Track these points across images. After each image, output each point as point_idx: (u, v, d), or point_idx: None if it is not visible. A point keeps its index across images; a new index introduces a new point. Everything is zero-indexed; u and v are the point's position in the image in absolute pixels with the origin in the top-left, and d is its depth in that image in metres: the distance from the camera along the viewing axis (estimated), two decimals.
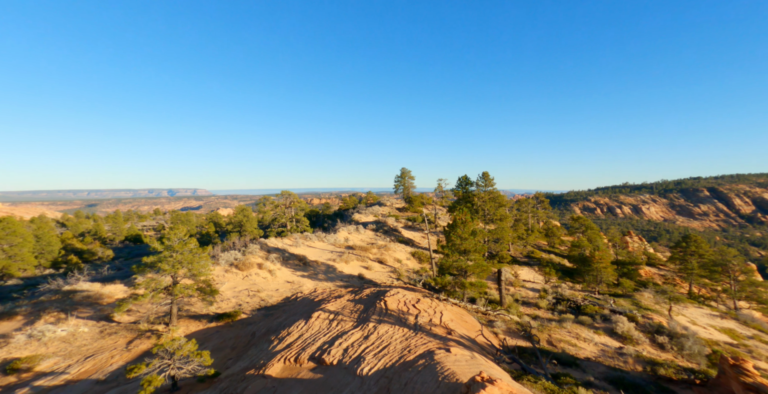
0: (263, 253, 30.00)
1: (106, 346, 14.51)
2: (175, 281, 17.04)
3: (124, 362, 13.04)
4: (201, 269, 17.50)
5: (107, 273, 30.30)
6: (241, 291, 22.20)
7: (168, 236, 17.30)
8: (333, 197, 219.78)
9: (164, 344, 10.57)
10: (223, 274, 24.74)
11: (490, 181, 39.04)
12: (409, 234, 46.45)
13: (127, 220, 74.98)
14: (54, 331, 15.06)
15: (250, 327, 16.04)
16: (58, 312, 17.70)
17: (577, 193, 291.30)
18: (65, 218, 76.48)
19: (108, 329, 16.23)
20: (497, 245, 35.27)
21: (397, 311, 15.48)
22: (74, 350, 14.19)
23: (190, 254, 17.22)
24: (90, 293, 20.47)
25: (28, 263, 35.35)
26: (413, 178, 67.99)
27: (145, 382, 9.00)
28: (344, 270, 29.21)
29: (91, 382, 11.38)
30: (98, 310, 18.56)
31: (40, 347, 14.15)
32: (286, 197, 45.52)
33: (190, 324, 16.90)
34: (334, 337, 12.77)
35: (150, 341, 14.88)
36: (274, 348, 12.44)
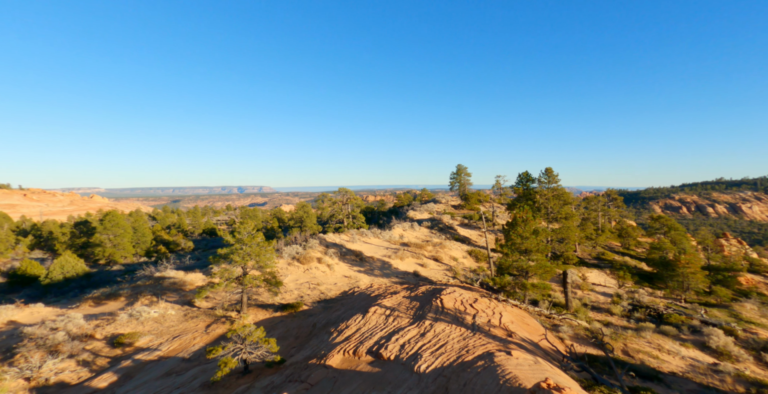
0: (322, 248, 31.30)
1: (189, 328, 16.24)
2: (245, 272, 18.44)
3: (204, 343, 14.49)
4: (267, 261, 18.73)
5: (189, 262, 33.90)
6: (303, 284, 23.39)
7: (238, 230, 18.74)
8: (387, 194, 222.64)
9: (237, 329, 11.50)
10: (286, 267, 26.28)
11: (554, 178, 36.55)
12: (466, 232, 45.32)
13: (204, 214, 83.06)
14: (148, 312, 17.21)
15: (311, 318, 16.86)
16: (151, 296, 20.19)
17: (657, 190, 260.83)
18: (155, 212, 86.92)
19: (190, 313, 18.13)
20: (562, 245, 32.95)
21: (453, 310, 15.20)
22: (164, 330, 16.10)
23: (257, 247, 18.50)
24: (175, 280, 23.02)
25: (128, 252, 40.79)
26: (469, 175, 66.10)
27: (222, 363, 9.91)
28: (399, 267, 29.39)
29: (178, 359, 12.82)
30: (182, 295, 20.80)
31: (138, 326, 16.27)
32: (343, 194, 46.96)
33: (258, 313, 18.22)
34: (390, 332, 12.92)
35: (225, 326, 16.33)
36: (334, 340, 12.93)
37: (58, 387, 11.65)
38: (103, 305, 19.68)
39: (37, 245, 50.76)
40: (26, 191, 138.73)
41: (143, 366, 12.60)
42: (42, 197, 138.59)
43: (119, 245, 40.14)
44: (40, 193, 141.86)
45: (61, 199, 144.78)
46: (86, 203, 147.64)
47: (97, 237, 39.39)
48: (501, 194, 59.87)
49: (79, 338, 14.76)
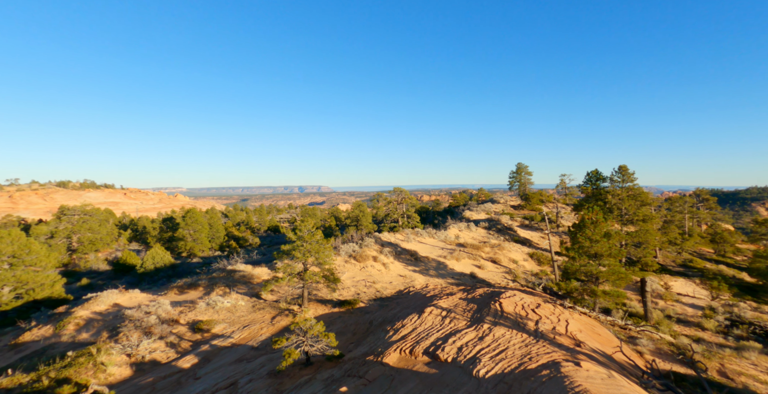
0: (377, 246, 31.77)
1: (257, 319, 17.50)
2: (306, 268, 19.37)
3: (269, 334, 15.52)
4: (326, 258, 19.47)
5: (255, 257, 36.52)
6: (359, 281, 23.95)
7: (299, 228, 19.73)
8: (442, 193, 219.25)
9: (299, 322, 12.12)
10: (343, 264, 27.12)
11: (630, 176, 33.13)
12: (526, 234, 42.97)
13: (269, 213, 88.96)
14: (222, 302, 18.87)
15: (368, 316, 17.20)
16: (224, 287, 22.12)
17: (762, 189, 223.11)
18: (227, 210, 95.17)
19: (257, 304, 19.52)
20: (639, 250, 29.77)
21: (513, 315, 14.50)
22: (235, 319, 17.54)
23: (316, 244, 19.31)
24: (245, 273, 24.94)
25: (205, 246, 45.15)
26: (530, 174, 62.60)
27: (287, 353, 10.53)
28: (455, 267, 28.79)
29: (248, 347, 13.89)
30: (250, 288, 22.48)
31: (214, 314, 17.93)
32: (397, 193, 47.23)
33: (317, 307, 19.05)
34: (447, 334, 12.70)
35: (288, 319, 17.33)
36: (390, 338, 13.05)
37: (152, 364, 13.29)
38: (186, 294, 21.99)
39: (134, 238, 58.37)
40: (126, 191, 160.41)
41: (219, 351, 13.86)
42: (137, 195, 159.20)
43: (198, 240, 44.63)
44: (137, 192, 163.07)
45: (152, 197, 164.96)
46: (171, 201, 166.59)
47: (180, 232, 44.19)
48: (566, 194, 55.86)
49: (167, 322, 16.66)
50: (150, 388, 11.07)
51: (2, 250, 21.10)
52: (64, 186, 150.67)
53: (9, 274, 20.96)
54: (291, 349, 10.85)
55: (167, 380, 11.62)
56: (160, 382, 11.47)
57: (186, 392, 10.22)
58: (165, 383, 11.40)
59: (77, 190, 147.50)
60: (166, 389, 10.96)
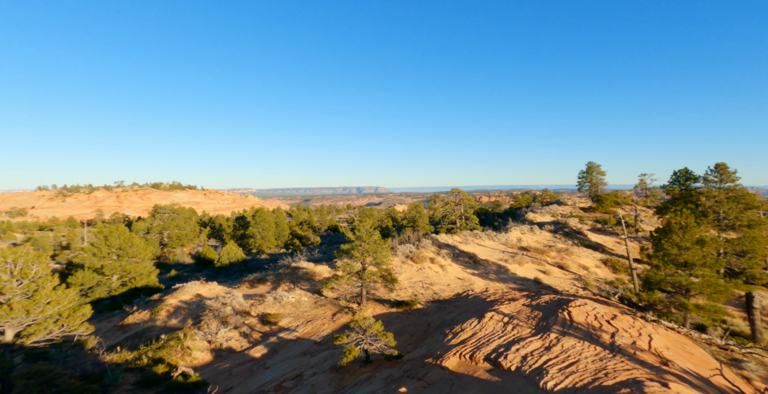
0: (434, 248, 31.41)
1: (319, 315, 18.32)
2: (364, 267, 19.81)
3: (331, 330, 16.15)
4: (383, 258, 19.73)
5: (317, 256, 38.25)
6: (416, 282, 23.88)
7: (358, 228, 20.23)
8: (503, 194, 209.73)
9: (358, 320, 12.44)
10: (400, 265, 27.26)
11: (730, 175, 28.70)
12: (598, 238, 39.40)
13: (329, 213, 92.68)
14: (287, 297, 20.08)
15: (426, 317, 17.07)
16: (289, 283, 23.51)
17: None
18: (291, 210, 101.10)
19: (319, 301, 20.43)
20: (744, 261, 25.66)
21: (585, 325, 13.37)
22: (299, 314, 18.55)
23: (374, 244, 19.65)
24: (307, 271, 26.25)
25: (272, 244, 48.40)
26: (603, 174, 57.34)
27: (347, 350, 10.88)
28: (517, 272, 27.37)
29: (311, 342, 14.61)
30: (312, 285, 23.60)
31: (280, 308, 19.15)
32: (455, 194, 46.27)
33: (375, 307, 19.37)
34: (510, 341, 12.11)
35: (347, 316, 17.87)
36: (449, 342, 12.81)
37: (228, 352, 14.61)
38: (255, 288, 23.78)
39: (212, 234, 64.66)
40: (206, 192, 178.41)
41: (285, 343, 14.77)
42: (215, 196, 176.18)
43: (266, 238, 48.03)
44: (214, 193, 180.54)
45: (227, 197, 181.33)
46: (243, 201, 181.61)
47: (251, 230, 47.94)
48: (647, 196, 50.20)
49: (240, 314, 18.17)
50: (227, 373, 12.16)
51: (112, 243, 24.70)
52: (157, 187, 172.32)
53: (117, 264, 24.46)
54: (351, 346, 11.18)
55: (241, 367, 12.68)
56: (236, 368, 12.55)
57: (257, 380, 11.05)
58: (239, 369, 12.45)
59: (167, 191, 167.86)
60: (240, 375, 11.97)
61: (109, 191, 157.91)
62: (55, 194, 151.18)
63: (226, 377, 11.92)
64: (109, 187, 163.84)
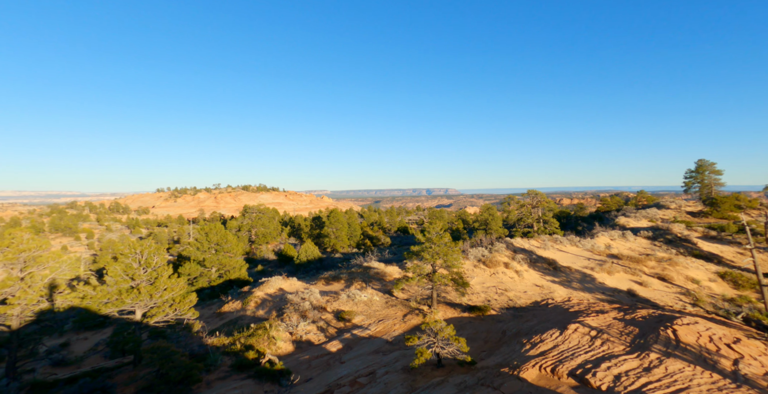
0: (509, 252, 29.84)
1: (390, 314, 18.66)
2: (434, 270, 19.63)
3: (402, 331, 16.34)
4: (454, 261, 19.33)
5: (387, 256, 38.97)
6: (489, 287, 22.94)
7: (428, 230, 20.13)
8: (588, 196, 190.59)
9: (429, 323, 12.38)
10: (471, 268, 26.44)
11: None
12: (713, 247, 33.59)
13: (398, 214, 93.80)
14: (360, 296, 20.82)
15: (500, 325, 16.31)
16: (361, 282, 24.35)
17: None
18: (362, 211, 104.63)
19: (390, 301, 20.80)
20: None
21: (696, 347, 11.52)
22: (371, 313, 19.11)
23: (445, 246, 19.36)
24: (378, 271, 26.90)
25: (345, 243, 50.62)
26: (719, 174, 48.79)
27: (419, 352, 10.92)
28: (606, 282, 24.66)
29: (383, 341, 14.97)
30: (383, 285, 24.10)
31: (353, 306, 19.95)
32: (532, 196, 43.44)
33: (446, 310, 19.07)
34: (599, 357, 10.96)
35: (418, 318, 17.90)
36: (527, 352, 12.06)
37: (307, 344, 15.69)
38: (330, 285, 25.10)
39: (292, 233, 69.95)
40: (286, 193, 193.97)
41: (359, 340, 15.35)
42: (294, 197, 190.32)
43: (339, 237, 50.44)
44: (293, 194, 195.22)
45: (304, 199, 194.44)
46: (319, 202, 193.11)
47: (326, 230, 50.76)
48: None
49: (317, 309, 19.36)
50: (307, 364, 13.07)
51: (212, 239, 28.21)
52: (247, 189, 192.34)
53: (215, 258, 27.86)
54: (423, 348, 11.18)
55: (319, 360, 13.52)
56: (314, 361, 13.42)
57: (334, 373, 11.68)
58: (318, 362, 13.28)
59: (254, 193, 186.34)
60: (318, 367, 12.76)
61: (209, 193, 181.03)
62: (169, 196, 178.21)
63: (306, 367, 12.80)
64: (209, 189, 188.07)
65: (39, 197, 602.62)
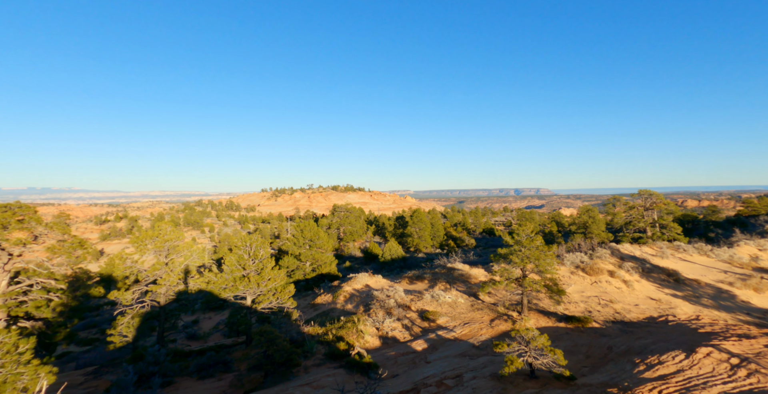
0: (615, 259, 26.36)
1: (476, 318, 18.03)
2: (524, 274, 18.37)
3: (489, 336, 15.66)
4: (547, 266, 17.84)
5: (472, 258, 37.75)
6: (590, 297, 20.59)
7: (517, 232, 18.94)
8: (723, 197, 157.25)
9: (520, 330, 11.61)
10: (568, 275, 24.05)
11: None
12: None
13: (484, 215, 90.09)
14: (444, 297, 20.56)
15: (605, 339, 14.49)
16: (445, 283, 24.02)
17: None
18: (445, 211, 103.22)
19: (476, 304, 20.09)
20: None
21: None
22: (456, 315, 18.72)
23: (536, 250, 18.00)
24: (462, 272, 26.23)
25: (427, 243, 50.55)
26: None
27: (509, 360, 10.32)
28: (752, 300, 20.11)
29: (469, 344, 14.54)
30: (468, 287, 23.41)
31: (437, 306, 19.80)
32: (645, 197, 37.71)
33: (539, 318, 17.67)
34: (744, 391, 8.98)
35: (506, 324, 16.94)
36: (641, 374, 10.48)
37: (393, 340, 16.09)
38: (414, 284, 25.31)
39: (376, 232, 72.45)
40: (371, 193, 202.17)
41: (443, 342, 15.18)
42: (378, 197, 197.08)
43: (422, 237, 50.53)
44: (378, 194, 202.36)
45: (388, 199, 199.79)
46: (402, 202, 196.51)
47: (409, 229, 51.34)
48: None
49: (402, 307, 19.70)
50: (393, 361, 13.40)
51: (306, 235, 30.82)
52: (335, 189, 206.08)
53: (309, 253, 30.37)
54: (513, 356, 10.54)
55: (405, 357, 13.74)
56: (400, 357, 13.69)
57: (420, 372, 11.75)
58: (403, 359, 13.51)
59: (342, 193, 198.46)
60: (404, 364, 12.98)
61: (303, 193, 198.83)
62: (270, 196, 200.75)
63: (393, 363, 13.13)
64: (303, 189, 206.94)
65: (176, 196, 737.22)
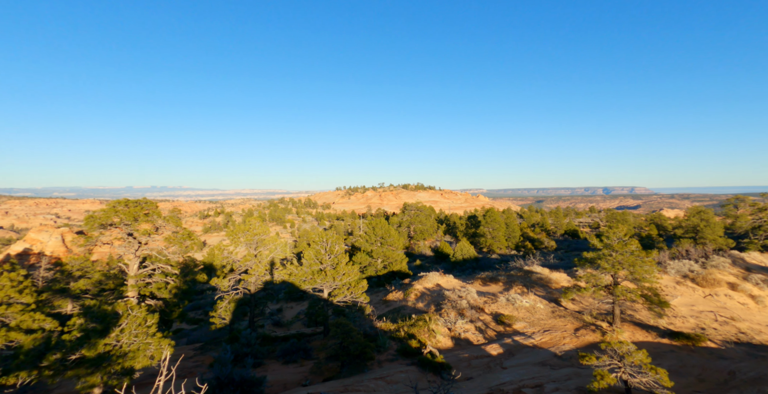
0: (737, 270, 22.21)
1: (557, 326, 16.67)
2: (616, 282, 16.49)
3: (573, 346, 14.36)
4: (644, 274, 15.81)
5: (552, 261, 35.00)
6: (703, 312, 17.64)
7: (607, 235, 17.09)
8: None
9: (612, 343, 10.44)
10: (673, 286, 20.93)
11: None
12: None
13: (566, 216, 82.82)
14: (521, 301, 19.40)
15: (725, 362, 12.27)
16: (522, 286, 22.66)
17: None
18: (522, 211, 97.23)
19: (557, 311, 18.58)
20: None
21: None
22: (535, 321, 17.53)
23: (631, 255, 16.06)
24: (541, 276, 24.47)
25: (502, 244, 48.21)
26: None
27: (598, 374, 9.33)
28: None
29: (551, 353, 13.52)
30: (548, 292, 21.76)
31: (513, 311, 18.77)
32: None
33: (635, 331, 15.69)
34: None
35: (594, 335, 15.36)
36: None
37: (465, 342, 15.69)
38: (487, 286, 24.33)
39: (447, 231, 71.29)
40: (442, 192, 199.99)
41: (521, 348, 14.34)
42: (449, 195, 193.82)
43: (496, 238, 48.32)
44: (449, 193, 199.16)
45: (459, 197, 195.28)
46: (474, 201, 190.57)
47: (481, 229, 49.50)
48: None
49: (475, 309, 19.09)
50: (467, 363, 13.07)
51: (377, 233, 31.63)
52: (406, 188, 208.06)
53: (380, 250, 31.12)
54: (604, 371, 9.50)
55: (479, 360, 13.29)
56: (474, 360, 13.28)
57: (495, 377, 11.26)
58: (477, 362, 13.09)
59: (413, 191, 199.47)
60: (478, 368, 12.57)
61: (375, 191, 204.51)
62: (344, 194, 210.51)
63: (466, 366, 12.80)
64: (374, 188, 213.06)
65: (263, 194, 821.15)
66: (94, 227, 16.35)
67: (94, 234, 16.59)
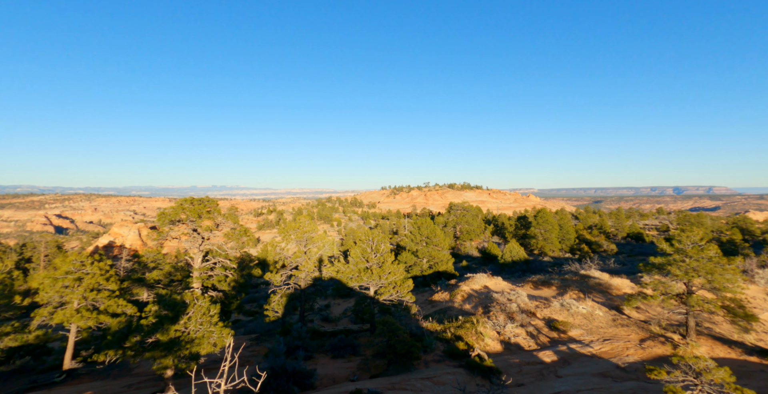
0: None
1: (620, 335, 15.42)
2: (690, 290, 14.90)
3: (638, 358, 13.20)
4: (726, 283, 14.13)
5: (613, 266, 32.44)
6: None
7: (678, 238, 15.52)
8: None
9: (686, 358, 9.47)
10: (763, 298, 18.47)
11: None
12: None
13: (629, 217, 76.26)
14: (577, 306, 18.22)
15: None
16: (578, 291, 21.27)
17: None
18: (577, 211, 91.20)
19: (619, 319, 17.19)
20: None
21: None
22: (593, 329, 16.36)
23: (708, 262, 14.44)
24: (600, 281, 22.79)
25: (555, 246, 45.62)
26: None
27: (670, 390, 8.47)
28: None
29: (611, 364, 12.55)
30: (608, 298, 20.21)
31: (568, 317, 17.67)
32: None
33: (714, 347, 14.05)
34: None
35: (664, 348, 14.00)
36: None
37: (516, 347, 15.07)
38: (539, 290, 23.16)
39: (495, 232, 68.91)
40: (489, 191, 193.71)
41: (577, 357, 13.46)
42: (497, 195, 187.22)
43: (548, 239, 45.78)
44: (497, 192, 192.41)
45: (509, 197, 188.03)
46: (524, 201, 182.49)
47: (532, 230, 47.17)
48: None
49: (525, 313, 18.26)
50: (517, 369, 12.55)
51: (423, 232, 31.44)
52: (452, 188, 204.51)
53: (426, 250, 30.89)
54: (677, 387, 8.61)
55: (531, 367, 12.70)
56: (525, 366, 12.72)
57: (549, 386, 10.69)
58: (529, 369, 12.51)
59: (459, 191, 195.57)
60: (530, 374, 12.01)
61: (420, 191, 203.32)
62: (389, 193, 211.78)
63: (517, 371, 12.29)
64: (419, 187, 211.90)
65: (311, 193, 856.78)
66: (165, 223, 18.07)
67: (165, 229, 18.33)
